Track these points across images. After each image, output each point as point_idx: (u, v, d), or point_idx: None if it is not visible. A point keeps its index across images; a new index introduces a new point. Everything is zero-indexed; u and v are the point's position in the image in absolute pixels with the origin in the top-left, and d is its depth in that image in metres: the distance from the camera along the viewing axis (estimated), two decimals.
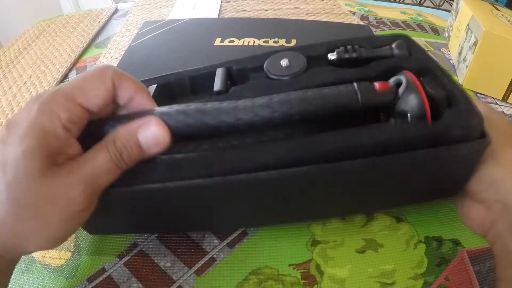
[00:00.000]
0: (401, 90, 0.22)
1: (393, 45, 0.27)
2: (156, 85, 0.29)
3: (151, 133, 0.20)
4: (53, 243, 0.20)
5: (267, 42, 0.43)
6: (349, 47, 0.27)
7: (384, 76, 0.24)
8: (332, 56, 0.28)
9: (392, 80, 0.23)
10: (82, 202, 0.19)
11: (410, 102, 0.21)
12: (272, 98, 0.21)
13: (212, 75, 0.29)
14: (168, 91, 0.30)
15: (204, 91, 0.29)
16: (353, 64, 0.27)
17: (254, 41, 0.43)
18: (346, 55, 0.27)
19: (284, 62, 0.27)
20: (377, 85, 0.22)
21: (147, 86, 0.30)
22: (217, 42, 0.43)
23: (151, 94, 0.27)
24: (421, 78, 0.22)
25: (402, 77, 0.22)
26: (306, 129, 0.23)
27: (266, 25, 0.48)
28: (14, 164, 0.18)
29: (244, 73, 0.29)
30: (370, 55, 0.27)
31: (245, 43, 0.42)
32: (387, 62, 0.26)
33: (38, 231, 0.19)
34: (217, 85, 0.27)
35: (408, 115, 0.21)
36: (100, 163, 0.19)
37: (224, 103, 0.21)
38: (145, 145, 0.20)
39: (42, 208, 0.18)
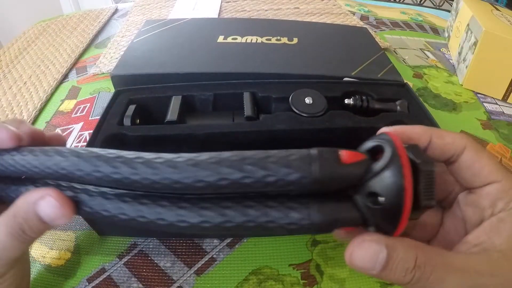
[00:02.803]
0: (381, 162, 0.15)
1: (397, 103, 0.31)
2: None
3: (50, 208, 0.18)
4: None
5: (269, 39, 0.43)
6: (363, 97, 0.31)
7: None
8: (348, 101, 0.31)
9: (369, 144, 0.17)
10: None
11: (389, 185, 0.15)
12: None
13: (237, 96, 0.32)
14: (191, 103, 0.32)
15: (226, 110, 0.32)
16: (363, 112, 0.31)
17: (257, 39, 0.43)
18: (359, 103, 0.31)
19: (308, 100, 0.30)
20: (343, 154, 0.16)
21: (163, 92, 0.32)
22: (220, 39, 0.43)
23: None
24: (406, 146, 0.16)
25: (385, 145, 0.16)
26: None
27: (268, 25, 0.48)
28: None
29: (269, 101, 0.32)
30: (378, 107, 0.31)
31: (248, 40, 0.43)
32: (393, 116, 0.30)
33: None
34: (248, 111, 0.30)
35: (382, 199, 0.15)
36: (2, 239, 0.18)
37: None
38: (47, 218, 0.18)
39: None
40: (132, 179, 0.16)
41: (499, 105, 0.44)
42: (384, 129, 0.18)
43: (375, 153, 0.16)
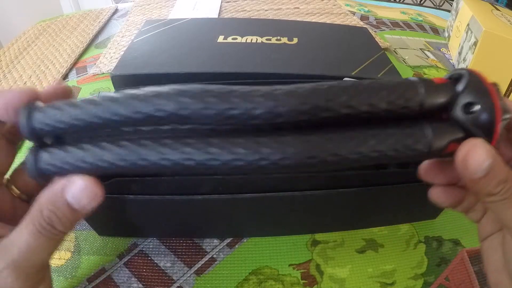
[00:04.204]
0: (463, 81, 0.18)
1: None
2: None
3: (80, 190, 0.16)
4: None
5: (269, 40, 0.43)
6: None
7: None
8: None
9: (446, 75, 0.19)
10: (21, 287, 0.16)
11: (477, 92, 0.17)
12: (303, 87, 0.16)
13: None
14: None
15: None
16: None
17: (257, 39, 0.43)
18: None
19: None
20: (435, 79, 0.18)
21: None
22: (220, 39, 0.43)
23: None
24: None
25: (461, 71, 0.18)
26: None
27: (268, 25, 0.48)
28: None
29: None
30: None
31: (248, 40, 0.43)
32: None
33: None
34: None
35: (477, 106, 0.17)
36: (27, 244, 0.16)
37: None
38: (77, 204, 0.17)
39: None
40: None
41: None
42: None
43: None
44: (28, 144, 0.18)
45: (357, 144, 0.16)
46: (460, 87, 0.18)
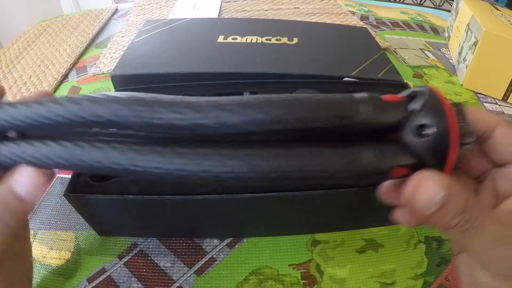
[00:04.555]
0: (420, 100, 0.16)
1: None
2: None
3: (24, 175, 0.17)
4: None
5: (269, 39, 0.43)
6: None
7: None
8: None
9: (405, 93, 0.17)
10: None
11: (434, 114, 0.15)
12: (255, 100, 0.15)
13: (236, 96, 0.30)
14: None
15: None
16: None
17: (257, 39, 0.43)
18: None
19: None
20: (385, 96, 0.16)
21: (163, 92, 0.31)
22: (220, 39, 0.43)
23: None
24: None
25: (421, 89, 0.17)
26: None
27: (268, 25, 0.48)
28: None
29: None
30: None
31: (248, 40, 0.43)
32: None
33: None
34: None
35: (433, 129, 0.15)
36: None
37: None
38: (25, 192, 0.17)
39: None
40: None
41: (499, 105, 0.44)
42: None
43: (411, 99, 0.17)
44: None
45: (281, 162, 0.15)
46: (415, 106, 0.16)
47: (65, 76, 0.48)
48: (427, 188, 0.15)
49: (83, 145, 0.16)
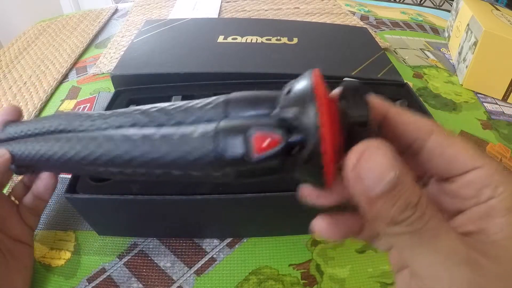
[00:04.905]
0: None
1: (397, 103, 0.28)
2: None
3: None
4: None
5: (269, 39, 0.43)
6: None
7: None
8: None
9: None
10: None
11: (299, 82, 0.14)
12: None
13: None
14: None
15: None
16: None
17: (257, 39, 0.43)
18: None
19: None
20: (256, 141, 0.13)
21: (163, 92, 0.32)
22: (220, 39, 0.43)
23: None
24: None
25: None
26: None
27: (268, 25, 0.48)
28: None
29: None
30: None
31: (248, 40, 0.43)
32: None
33: None
34: None
35: (292, 90, 0.13)
36: None
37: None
38: None
39: None
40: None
41: (499, 105, 0.44)
42: None
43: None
44: None
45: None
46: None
47: (65, 76, 0.48)
48: (376, 159, 0.11)
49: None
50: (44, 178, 0.25)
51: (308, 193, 0.15)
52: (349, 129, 0.12)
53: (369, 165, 0.11)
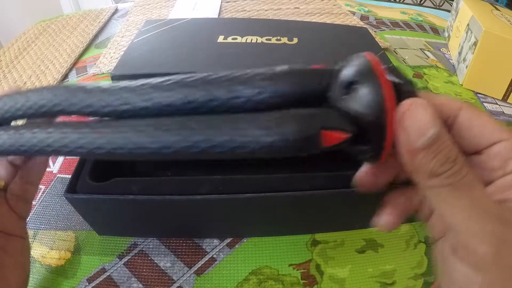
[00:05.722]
0: (340, 64, 0.15)
1: None
2: None
3: None
4: None
5: (269, 39, 0.43)
6: None
7: None
8: None
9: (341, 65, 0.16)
10: None
11: (358, 68, 0.14)
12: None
13: None
14: None
15: None
16: None
17: (257, 39, 0.43)
18: None
19: None
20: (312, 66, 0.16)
21: None
22: (220, 39, 0.43)
23: None
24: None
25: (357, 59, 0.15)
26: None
27: (268, 25, 0.48)
28: None
29: None
30: None
31: (248, 40, 0.43)
32: None
33: None
34: None
35: (356, 85, 0.14)
36: None
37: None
38: None
39: None
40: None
41: (499, 105, 0.44)
42: None
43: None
44: None
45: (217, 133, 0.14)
46: (338, 67, 0.15)
47: (65, 76, 0.48)
48: (419, 114, 0.13)
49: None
50: (37, 163, 0.22)
51: (363, 175, 0.17)
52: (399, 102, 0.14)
53: (413, 118, 0.13)
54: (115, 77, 0.37)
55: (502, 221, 0.13)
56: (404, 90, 0.14)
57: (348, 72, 0.14)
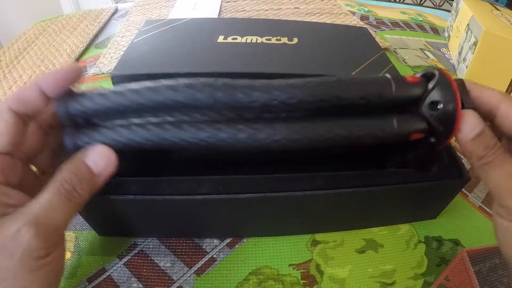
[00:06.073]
0: (434, 80, 0.21)
1: None
2: None
3: (96, 152, 0.20)
4: None
5: (269, 39, 0.43)
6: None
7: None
8: None
9: (421, 73, 0.22)
10: (38, 247, 0.17)
11: (443, 93, 0.20)
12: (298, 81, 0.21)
13: None
14: None
15: None
16: None
17: (257, 39, 0.43)
18: None
19: None
20: (408, 77, 0.22)
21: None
22: (220, 39, 0.43)
23: None
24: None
25: (434, 71, 0.21)
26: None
27: (268, 25, 0.48)
28: None
29: None
30: None
31: (248, 40, 0.43)
32: None
33: None
34: None
35: (441, 105, 0.20)
36: (49, 201, 0.18)
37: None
38: (96, 167, 0.20)
39: None
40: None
41: None
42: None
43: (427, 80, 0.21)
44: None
45: (339, 128, 0.20)
46: (430, 85, 0.21)
47: None
48: (470, 119, 0.20)
49: (167, 127, 0.20)
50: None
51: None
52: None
53: (466, 122, 0.20)
54: (115, 77, 0.37)
55: None
56: (464, 100, 0.20)
57: (437, 94, 0.20)
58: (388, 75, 0.21)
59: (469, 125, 0.20)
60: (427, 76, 0.21)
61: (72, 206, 0.19)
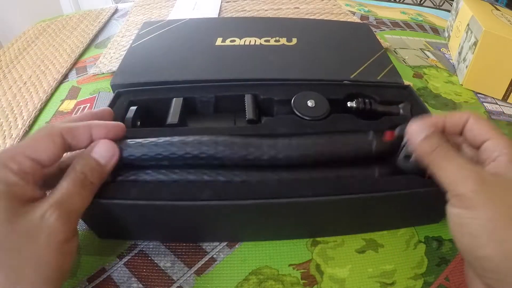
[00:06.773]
0: (405, 139, 0.24)
1: (400, 106, 0.32)
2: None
3: (102, 147, 0.23)
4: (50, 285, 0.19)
5: (268, 41, 0.43)
6: (366, 100, 0.32)
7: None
8: (350, 104, 0.32)
9: (397, 130, 0.26)
10: (61, 229, 0.19)
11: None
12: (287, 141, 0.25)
13: (238, 98, 0.32)
14: (192, 105, 0.32)
15: (228, 112, 0.32)
16: (366, 115, 0.31)
17: (255, 40, 0.43)
18: (362, 106, 0.31)
19: (310, 103, 0.30)
20: (385, 135, 0.26)
21: (165, 94, 0.33)
22: (219, 42, 0.43)
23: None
24: None
25: (403, 132, 0.24)
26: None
27: (266, 24, 0.48)
28: None
29: (270, 103, 0.32)
30: (381, 109, 0.32)
31: (247, 42, 0.42)
32: (395, 119, 0.30)
33: (23, 275, 0.18)
34: (250, 114, 0.30)
35: (412, 159, 0.24)
36: (67, 188, 0.20)
37: (220, 137, 0.25)
38: (102, 159, 0.23)
39: (22, 249, 0.18)
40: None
41: (499, 105, 0.44)
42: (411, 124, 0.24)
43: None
44: None
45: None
46: (404, 140, 0.25)
47: (65, 76, 0.48)
48: (415, 127, 0.23)
49: (191, 171, 0.25)
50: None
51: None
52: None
53: (413, 128, 0.23)
54: (115, 86, 0.37)
55: (478, 171, 0.20)
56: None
57: (410, 148, 0.24)
58: (370, 134, 0.26)
59: (415, 130, 0.23)
60: (400, 136, 0.25)
61: (86, 193, 0.22)
